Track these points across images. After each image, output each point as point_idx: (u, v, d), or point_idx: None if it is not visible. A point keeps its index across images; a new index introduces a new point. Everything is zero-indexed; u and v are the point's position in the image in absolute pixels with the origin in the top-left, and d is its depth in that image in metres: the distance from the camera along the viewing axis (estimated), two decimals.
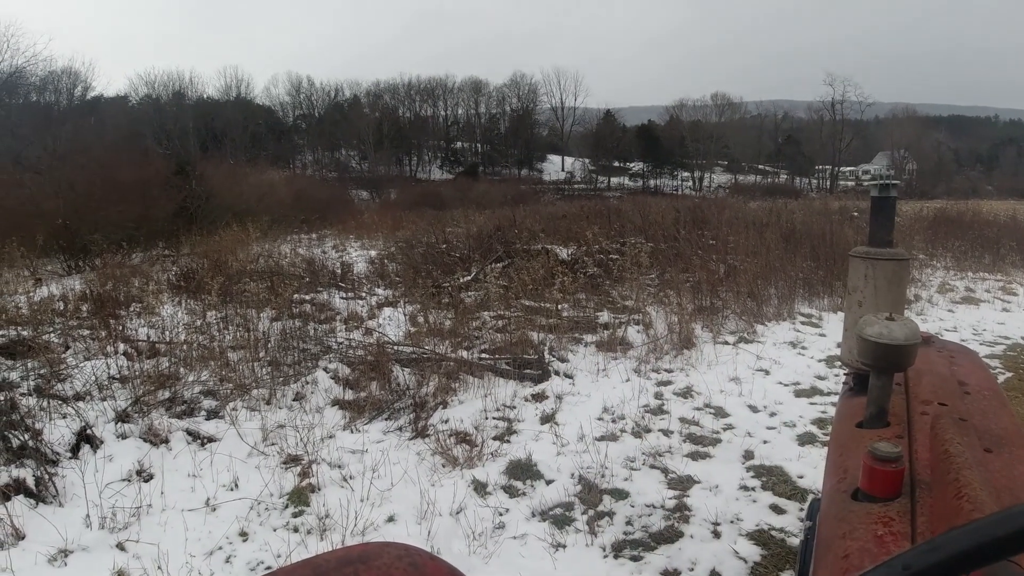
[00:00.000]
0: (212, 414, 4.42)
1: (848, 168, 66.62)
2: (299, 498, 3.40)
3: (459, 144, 71.85)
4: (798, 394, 5.02)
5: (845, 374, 1.98)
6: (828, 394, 4.97)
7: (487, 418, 4.50)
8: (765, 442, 4.15)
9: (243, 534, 3.11)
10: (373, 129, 62.21)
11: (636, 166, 67.93)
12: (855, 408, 1.58)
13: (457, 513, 3.28)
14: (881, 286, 1.73)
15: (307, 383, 4.98)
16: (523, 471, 3.74)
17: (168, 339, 5.76)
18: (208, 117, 58.48)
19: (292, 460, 3.81)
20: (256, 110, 64.38)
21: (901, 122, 66.08)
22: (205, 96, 63.94)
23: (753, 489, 3.55)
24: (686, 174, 66.39)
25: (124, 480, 3.48)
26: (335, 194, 29.47)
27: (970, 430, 1.31)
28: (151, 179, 14.29)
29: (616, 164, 67.33)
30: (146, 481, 3.51)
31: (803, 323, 7.20)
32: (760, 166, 67.20)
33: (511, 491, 3.54)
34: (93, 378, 4.65)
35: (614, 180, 64.62)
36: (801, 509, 3.30)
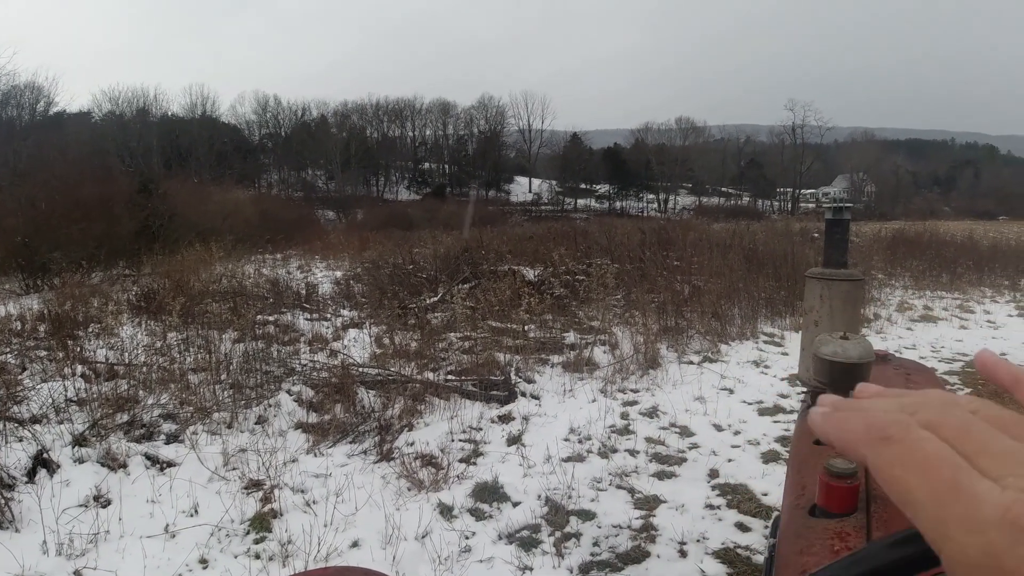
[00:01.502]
0: (172, 438, 4.33)
1: (809, 190, 68.37)
2: (261, 524, 3.34)
3: (427, 165, 71.96)
4: (762, 412, 5.08)
5: (803, 392, 2.01)
6: (791, 412, 5.04)
7: (453, 440, 4.47)
8: (730, 460, 4.18)
9: (203, 561, 3.04)
10: (340, 149, 61.92)
11: (602, 188, 68.76)
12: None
13: (423, 537, 3.24)
14: (836, 306, 1.77)
15: (270, 406, 4.90)
16: (490, 493, 3.71)
17: (127, 361, 5.64)
18: (173, 134, 57.68)
19: (254, 485, 3.74)
20: (222, 128, 63.66)
21: (860, 146, 68.26)
22: (170, 113, 63.23)
23: (719, 507, 3.57)
24: (652, 196, 67.38)
25: (81, 505, 3.40)
26: (301, 214, 29.26)
27: None
28: (114, 197, 14.02)
29: (583, 186, 68.06)
30: (104, 507, 3.43)
31: (766, 342, 7.31)
32: (724, 188, 68.60)
33: (477, 514, 3.51)
34: (50, 400, 4.54)
35: (581, 202, 65.27)
36: (766, 526, 3.33)
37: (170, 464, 3.94)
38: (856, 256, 12.06)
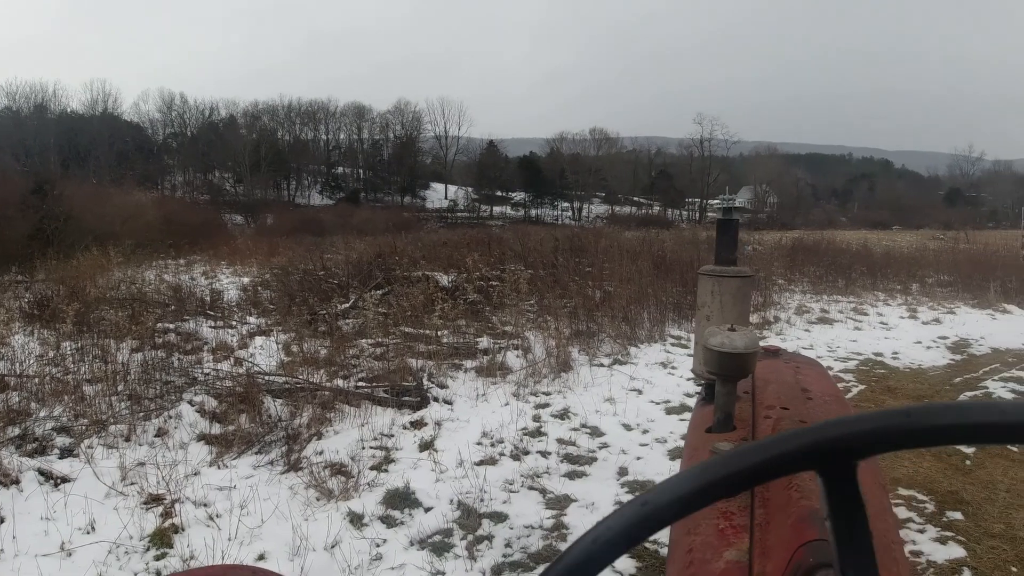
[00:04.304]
0: (66, 452, 4.12)
1: (715, 201, 71.15)
2: (161, 540, 3.22)
3: (340, 169, 70.47)
4: (669, 411, 5.25)
5: (699, 385, 2.11)
6: None
7: (364, 448, 4.40)
8: (639, 458, 4.30)
9: None
10: (250, 151, 59.63)
11: (518, 196, 69.33)
12: (705, 415, 1.68)
13: (332, 547, 3.19)
14: (727, 301, 1.86)
15: (170, 417, 4.70)
16: (401, 500, 3.67)
17: (18, 371, 5.31)
18: (72, 133, 54.28)
19: (154, 500, 3.59)
20: (123, 127, 60.29)
21: (764, 159, 71.76)
22: (69, 110, 59.48)
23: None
24: (566, 204, 68.49)
25: None
26: (207, 218, 28.06)
27: None
28: (6, 198, 13.18)
29: (499, 194, 68.45)
30: None
31: (673, 344, 7.56)
32: (635, 198, 70.50)
33: (388, 521, 3.47)
34: None
35: (497, 209, 65.62)
36: None
37: (65, 479, 3.75)
38: (758, 263, 12.68)
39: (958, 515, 3.56)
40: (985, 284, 12.11)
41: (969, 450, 4.40)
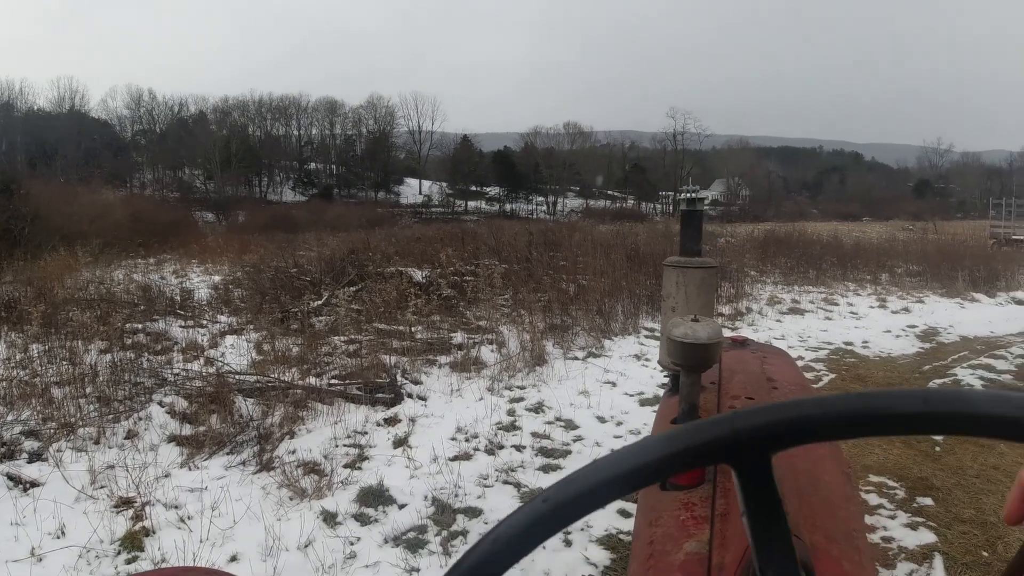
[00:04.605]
0: (35, 456, 4.04)
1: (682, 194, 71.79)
2: (132, 543, 3.17)
3: (313, 165, 69.70)
4: (643, 403, 5.29)
5: (667, 376, 2.12)
6: None
7: (337, 446, 4.36)
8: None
9: None
10: (220, 147, 58.70)
11: (493, 190, 69.22)
12: (672, 406, 1.69)
13: (305, 547, 3.15)
14: (692, 292, 1.87)
15: (140, 419, 4.62)
16: (375, 497, 3.64)
17: None
18: (39, 131, 53.13)
19: (124, 503, 3.53)
20: (91, 124, 59.08)
21: (736, 152, 72.44)
22: (36, 108, 58.14)
23: None
24: (541, 199, 68.54)
25: None
26: (177, 216, 27.61)
27: None
28: None
29: (473, 188, 68.25)
30: None
31: (647, 336, 7.61)
32: (609, 192, 70.79)
33: (362, 519, 3.44)
34: None
35: (471, 204, 65.44)
36: None
37: (34, 484, 3.68)
38: (731, 255, 12.81)
39: (928, 501, 3.62)
40: (954, 273, 12.36)
41: (938, 437, 4.48)
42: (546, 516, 0.37)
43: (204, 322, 7.81)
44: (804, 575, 0.84)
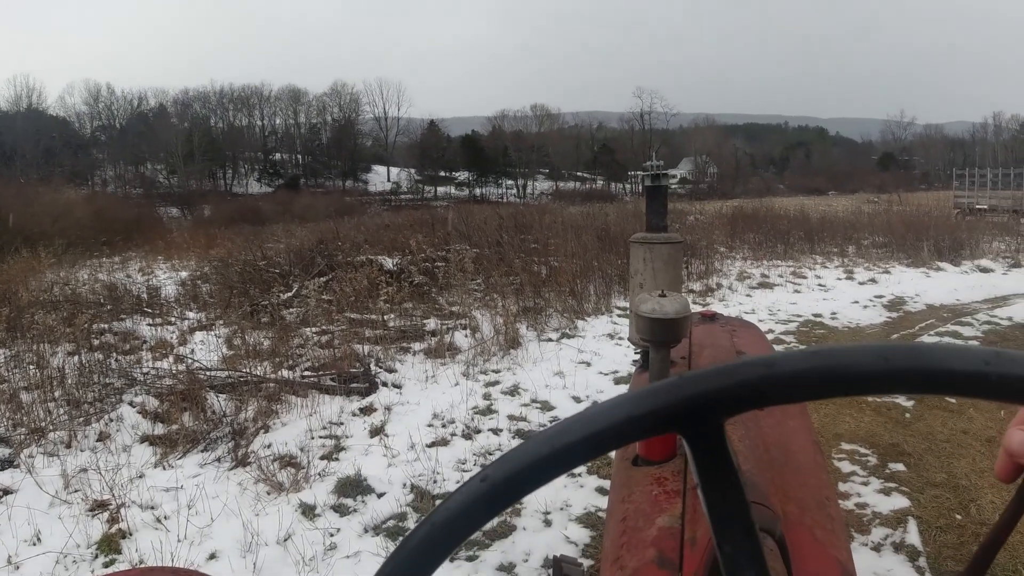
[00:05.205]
0: (6, 463, 3.95)
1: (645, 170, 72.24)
2: (109, 546, 3.13)
3: (278, 156, 68.70)
4: (617, 381, 5.33)
5: (638, 353, 2.13)
6: None
7: (313, 438, 4.33)
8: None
9: None
10: (182, 140, 57.52)
11: (462, 175, 68.96)
12: (642, 382, 1.70)
13: (285, 540, 3.13)
14: (659, 267, 1.87)
15: (111, 420, 4.53)
16: (353, 487, 3.63)
17: None
18: None
19: (99, 506, 3.47)
20: (49, 122, 57.57)
21: (703, 131, 73.07)
22: None
23: (579, 475, 3.70)
24: (510, 182, 68.48)
25: None
26: (141, 212, 27.10)
27: None
28: None
29: (442, 174, 67.94)
30: None
31: (620, 316, 7.65)
32: (579, 173, 70.91)
33: (341, 510, 3.43)
34: None
35: (441, 189, 65.17)
36: None
37: (6, 492, 3.61)
38: (700, 232, 12.91)
39: (900, 466, 3.70)
40: (919, 244, 12.58)
41: (908, 403, 4.59)
42: (486, 495, 0.35)
43: (172, 319, 7.68)
44: (771, 546, 0.84)
